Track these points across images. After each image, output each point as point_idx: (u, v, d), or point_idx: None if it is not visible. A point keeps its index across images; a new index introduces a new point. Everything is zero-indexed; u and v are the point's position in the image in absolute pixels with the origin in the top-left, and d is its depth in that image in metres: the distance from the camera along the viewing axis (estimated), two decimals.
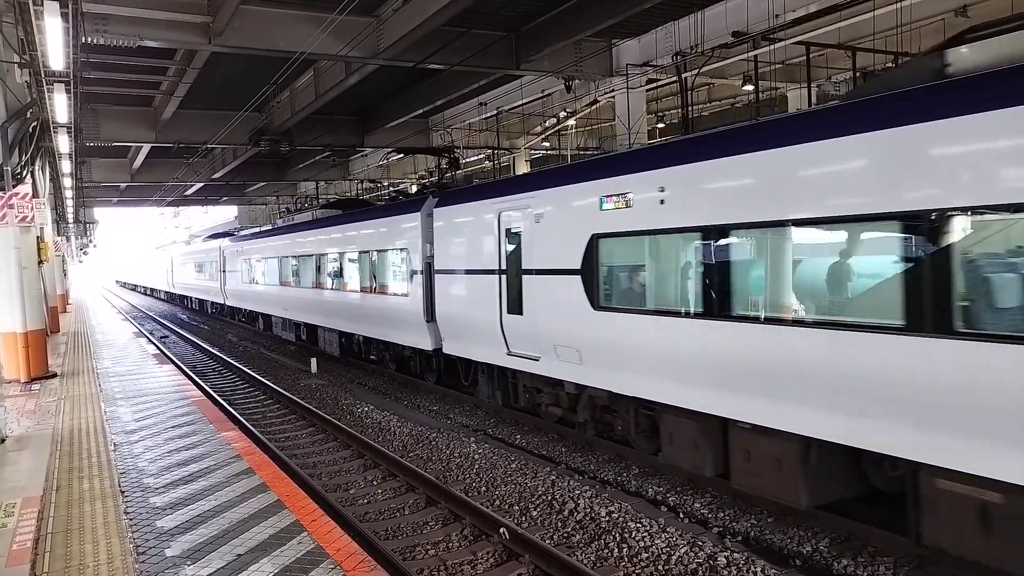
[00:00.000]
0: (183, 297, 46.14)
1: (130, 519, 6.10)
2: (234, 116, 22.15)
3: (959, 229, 5.28)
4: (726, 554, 6.56)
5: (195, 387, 13.44)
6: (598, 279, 8.78)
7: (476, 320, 11.47)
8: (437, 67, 16.85)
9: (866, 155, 5.85)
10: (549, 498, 8.30)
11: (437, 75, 19.98)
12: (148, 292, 67.38)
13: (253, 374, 17.54)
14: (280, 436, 12.05)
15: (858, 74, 17.13)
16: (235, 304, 29.67)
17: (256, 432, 11.73)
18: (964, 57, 5.71)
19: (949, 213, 5.26)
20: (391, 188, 35.87)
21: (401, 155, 31.92)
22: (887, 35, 14.24)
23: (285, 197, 42.29)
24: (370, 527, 7.68)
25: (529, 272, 10.08)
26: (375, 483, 9.42)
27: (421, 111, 23.18)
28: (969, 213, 5.20)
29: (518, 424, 12.10)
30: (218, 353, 21.97)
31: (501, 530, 7.12)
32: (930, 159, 5.39)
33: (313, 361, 18.81)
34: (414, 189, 33.30)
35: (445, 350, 12.88)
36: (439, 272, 12.61)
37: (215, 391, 15.62)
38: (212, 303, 36.24)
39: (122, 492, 6.81)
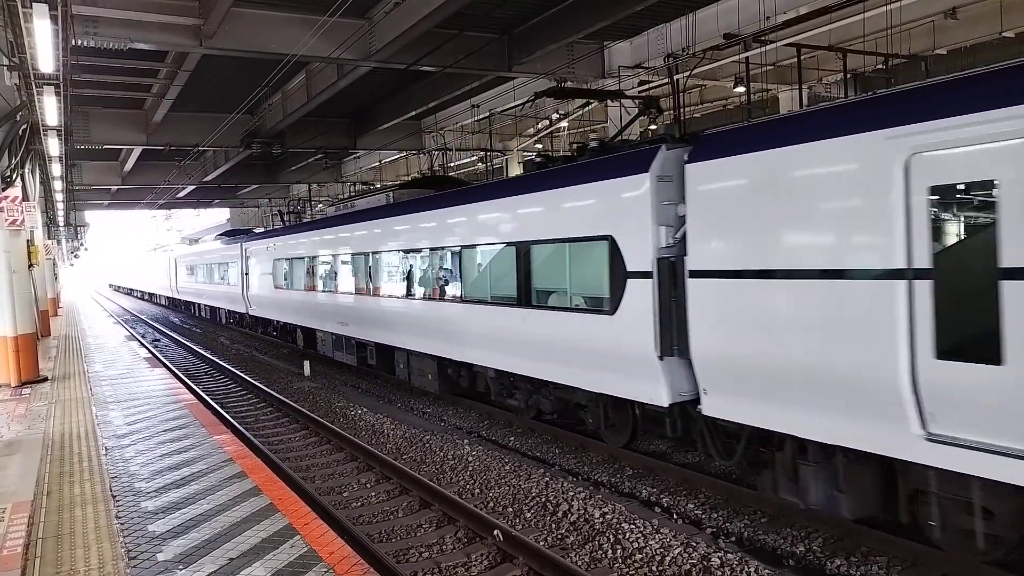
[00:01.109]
0: (188, 304, 41.54)
1: (121, 523, 6.07)
2: (226, 118, 22.07)
3: None
4: (720, 554, 6.57)
5: (187, 390, 13.37)
6: None
7: (814, 363, 6.30)
8: (429, 69, 16.83)
9: None
10: (543, 500, 8.30)
11: (429, 77, 19.96)
12: (145, 297, 63.44)
13: (246, 377, 17.48)
14: (273, 439, 12.01)
15: (849, 76, 17.22)
16: (262, 314, 24.37)
17: (249, 435, 11.69)
18: None
19: None
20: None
21: (395, 157, 31.92)
22: (877, 37, 14.31)
23: (277, 199, 42.15)
24: (364, 530, 7.66)
25: None
26: (368, 486, 9.40)
27: (414, 113, 23.15)
28: None
29: (511, 426, 12.10)
30: (210, 356, 21.89)
31: (495, 532, 7.11)
32: None
33: (306, 364, 18.76)
34: None
35: (709, 410, 7.48)
36: (700, 275, 7.37)
37: (207, 394, 15.56)
38: (229, 312, 30.95)
39: (113, 496, 6.77)
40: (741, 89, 18.53)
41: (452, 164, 28.32)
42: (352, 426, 12.65)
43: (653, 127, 24.69)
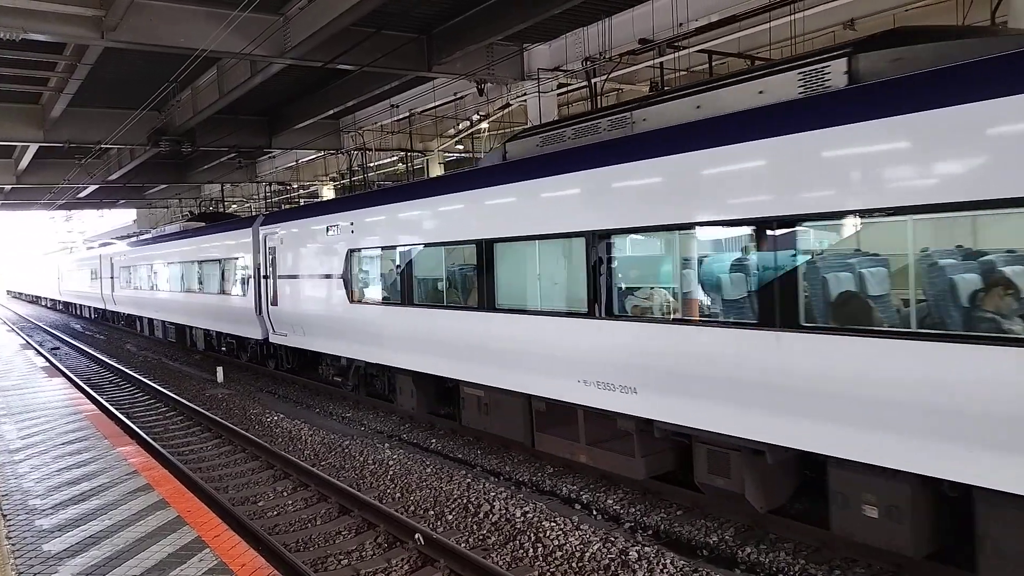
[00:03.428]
0: (131, 320, 30.84)
1: (13, 544, 5.69)
2: (131, 115, 21.05)
3: None
4: (637, 548, 6.69)
5: (89, 401, 12.69)
6: None
7: None
8: (347, 68, 16.54)
9: None
10: (465, 501, 8.27)
11: (347, 76, 19.62)
12: (58, 307, 51.11)
13: (154, 385, 16.72)
14: (183, 450, 11.53)
15: None
16: (310, 346, 14.55)
17: (156, 446, 11.17)
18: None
19: None
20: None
21: (312, 157, 31.22)
22: (783, 45, 14.93)
23: (188, 199, 40.56)
24: (280, 539, 7.43)
25: None
26: (285, 494, 9.14)
27: (332, 112, 22.69)
28: None
29: (433, 429, 12.00)
30: (115, 364, 20.83)
31: (416, 536, 7.04)
32: None
33: (219, 370, 18.10)
34: (328, 192, 32.56)
35: None
36: None
37: (112, 404, 14.80)
38: (222, 336, 20.17)
39: (4, 516, 6.34)
40: None
41: (371, 164, 27.92)
42: (268, 433, 12.27)
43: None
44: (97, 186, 34.15)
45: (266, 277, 15.99)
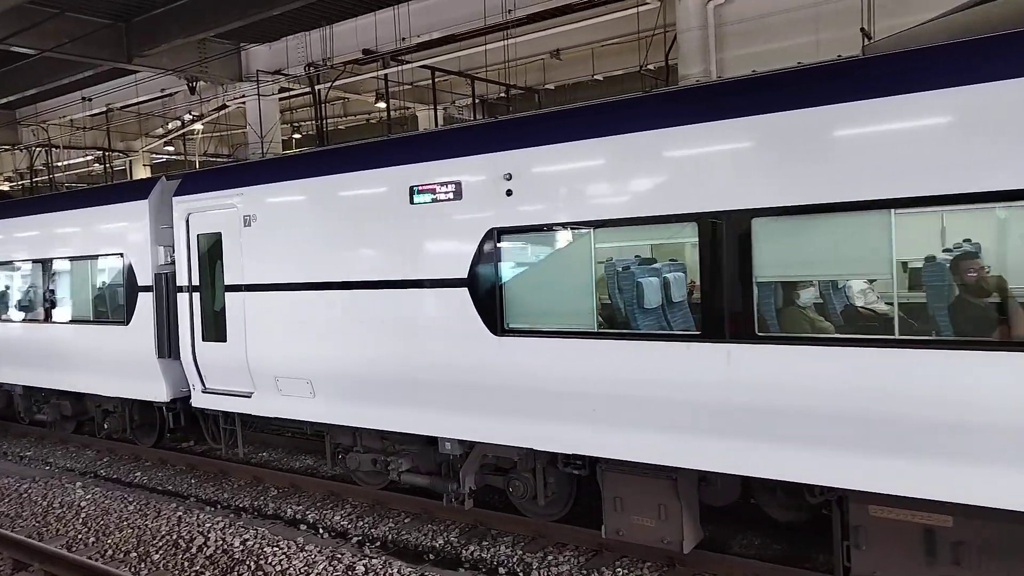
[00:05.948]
0: None
1: None
2: None
3: None
4: (365, 561, 6.62)
5: None
6: None
7: None
8: (24, 51, 14.31)
9: None
10: (175, 537, 7.53)
11: (26, 60, 16.95)
12: None
13: None
14: None
15: (477, 101, 18.87)
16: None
17: None
18: None
19: None
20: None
21: None
22: (498, 67, 15.91)
23: None
24: None
25: None
26: None
27: (5, 101, 19.44)
28: None
29: (138, 460, 10.79)
30: None
31: None
32: None
33: None
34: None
35: None
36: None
37: None
38: (69, 401, 11.42)
39: None
40: (382, 105, 19.14)
41: (60, 163, 24.44)
42: None
43: (296, 136, 24.17)
44: None
45: (195, 289, 9.02)
